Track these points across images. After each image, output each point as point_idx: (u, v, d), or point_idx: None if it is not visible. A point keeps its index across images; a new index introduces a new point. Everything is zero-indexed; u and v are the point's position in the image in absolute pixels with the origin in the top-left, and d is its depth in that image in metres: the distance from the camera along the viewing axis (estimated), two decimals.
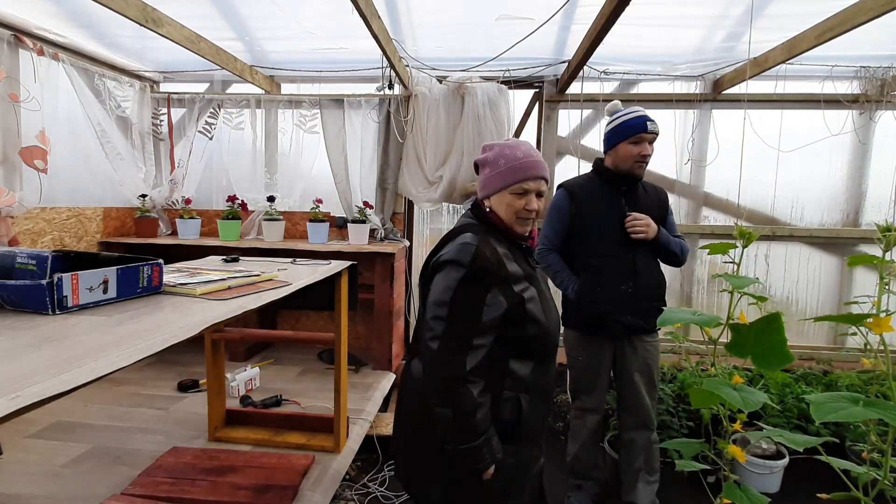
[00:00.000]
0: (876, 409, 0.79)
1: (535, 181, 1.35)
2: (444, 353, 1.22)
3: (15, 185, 2.68)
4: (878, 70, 3.11)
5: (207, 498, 1.83)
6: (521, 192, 1.34)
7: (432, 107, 3.37)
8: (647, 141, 2.05)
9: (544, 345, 1.36)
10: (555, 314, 1.41)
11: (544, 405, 1.44)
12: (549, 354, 1.41)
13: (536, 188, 1.35)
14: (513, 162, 1.35)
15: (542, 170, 1.36)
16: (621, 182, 2.12)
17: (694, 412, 2.79)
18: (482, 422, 1.23)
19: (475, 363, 1.22)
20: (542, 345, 1.35)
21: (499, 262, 1.28)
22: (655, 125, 2.07)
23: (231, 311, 1.28)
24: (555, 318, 1.41)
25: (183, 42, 2.70)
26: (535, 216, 1.37)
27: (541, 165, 1.36)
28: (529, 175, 1.34)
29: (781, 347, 0.92)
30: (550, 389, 1.46)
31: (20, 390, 0.73)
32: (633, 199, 2.13)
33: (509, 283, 1.28)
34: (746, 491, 0.98)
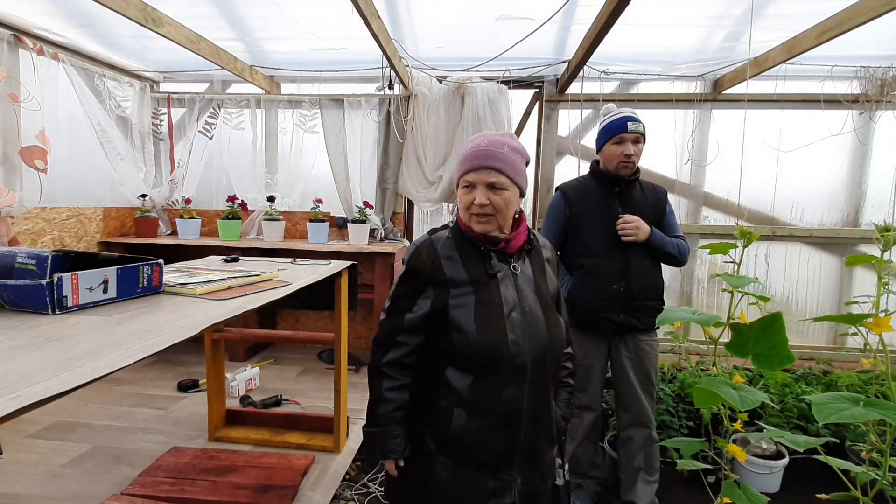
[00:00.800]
0: (877, 409, 0.79)
1: (478, 172, 1.21)
2: (375, 342, 1.32)
3: (15, 185, 2.68)
4: (878, 70, 3.11)
5: (207, 498, 1.83)
6: (467, 185, 1.23)
7: (432, 107, 3.37)
8: (629, 140, 2.02)
9: (476, 358, 1.20)
10: (500, 328, 1.19)
11: (495, 431, 1.22)
12: (495, 371, 1.20)
13: (482, 180, 1.20)
14: (462, 155, 1.26)
15: (485, 159, 1.20)
16: (614, 183, 2.11)
17: (694, 412, 2.79)
18: (383, 416, 1.27)
19: (392, 358, 1.27)
20: (474, 358, 1.20)
21: (433, 264, 1.24)
22: (638, 125, 2.03)
23: (231, 311, 1.28)
24: (498, 333, 1.19)
25: (183, 42, 2.70)
26: (492, 212, 1.21)
27: (486, 154, 1.20)
28: (471, 166, 1.22)
29: (782, 347, 0.92)
30: (505, 413, 1.21)
31: (20, 390, 0.73)
32: (627, 200, 2.11)
33: (447, 287, 1.23)
34: (746, 490, 0.98)
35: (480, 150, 1.22)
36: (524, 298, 1.24)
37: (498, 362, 1.20)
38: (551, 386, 1.32)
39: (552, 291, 1.33)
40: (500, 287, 1.23)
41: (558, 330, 1.29)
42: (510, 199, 1.23)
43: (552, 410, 1.32)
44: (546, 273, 1.34)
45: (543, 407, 1.28)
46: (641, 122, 2.05)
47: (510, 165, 1.22)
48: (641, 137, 2.05)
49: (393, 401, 1.27)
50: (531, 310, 1.24)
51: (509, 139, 1.26)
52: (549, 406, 1.31)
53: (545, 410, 1.29)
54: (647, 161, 3.42)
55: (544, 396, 1.28)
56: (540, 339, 1.23)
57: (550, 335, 1.25)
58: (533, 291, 1.27)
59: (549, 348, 1.25)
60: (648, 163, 3.45)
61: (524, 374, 1.21)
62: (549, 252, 1.40)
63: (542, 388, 1.27)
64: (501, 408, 1.21)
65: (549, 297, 1.30)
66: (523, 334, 1.21)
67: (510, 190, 1.23)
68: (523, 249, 1.30)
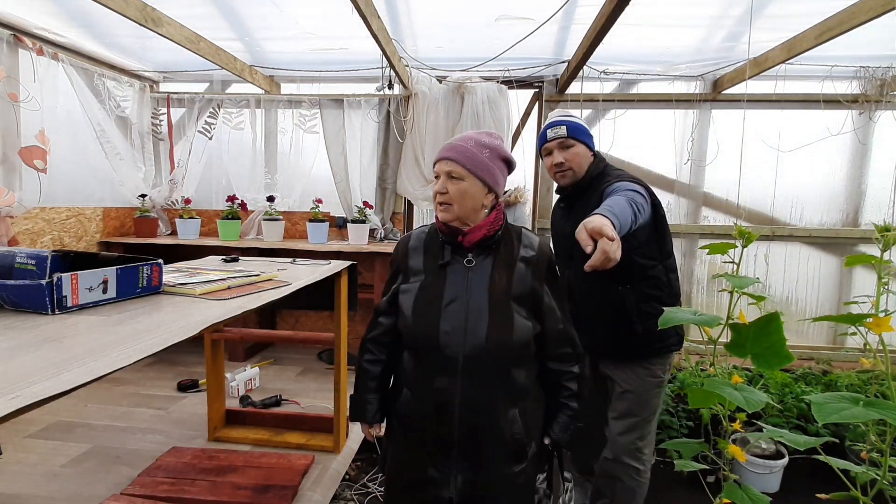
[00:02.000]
0: (877, 409, 0.79)
1: (440, 163, 1.30)
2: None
3: (14, 185, 2.68)
4: (877, 70, 3.11)
5: (207, 498, 1.83)
6: (435, 175, 1.32)
7: (432, 106, 3.37)
8: (554, 148, 1.78)
9: (412, 342, 1.30)
10: (434, 317, 1.24)
11: (430, 417, 1.26)
12: (427, 357, 1.27)
13: (442, 170, 1.29)
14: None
15: (446, 151, 1.29)
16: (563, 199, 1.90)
17: (693, 412, 2.79)
18: (361, 384, 1.41)
19: (373, 335, 1.41)
20: (411, 342, 1.31)
21: (404, 254, 1.37)
22: (559, 128, 1.76)
23: (231, 311, 1.28)
24: (431, 322, 1.24)
25: (183, 42, 2.70)
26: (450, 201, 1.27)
27: (448, 147, 1.30)
28: (436, 158, 1.32)
29: (781, 347, 0.92)
30: (437, 401, 1.25)
31: (20, 390, 0.73)
32: (574, 215, 1.78)
33: (408, 275, 1.34)
34: (747, 490, 0.98)
35: (446, 145, 1.31)
36: (471, 293, 1.26)
37: (428, 350, 1.26)
38: (499, 388, 1.25)
39: (518, 292, 1.27)
40: (447, 278, 1.28)
41: (503, 331, 1.23)
42: (467, 190, 1.27)
43: (508, 419, 1.25)
44: (515, 272, 1.29)
45: (487, 409, 1.25)
46: (565, 123, 1.77)
47: (468, 157, 1.27)
48: (569, 140, 1.76)
49: (369, 371, 1.40)
50: (476, 305, 1.24)
51: (484, 137, 1.31)
52: (499, 411, 1.25)
53: (491, 414, 1.25)
54: (647, 161, 3.45)
55: (487, 398, 1.25)
56: (477, 335, 1.23)
57: (490, 334, 1.23)
58: (486, 287, 1.26)
59: (487, 348, 1.22)
60: (648, 163, 3.46)
61: (455, 366, 1.23)
62: (536, 253, 1.32)
63: (483, 387, 1.24)
64: (434, 396, 1.26)
65: (506, 296, 1.26)
66: (459, 327, 1.23)
67: (467, 181, 1.27)
68: (485, 244, 1.30)
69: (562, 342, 1.34)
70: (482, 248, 1.30)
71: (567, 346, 1.35)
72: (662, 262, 1.76)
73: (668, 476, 2.59)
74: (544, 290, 1.31)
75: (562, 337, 1.34)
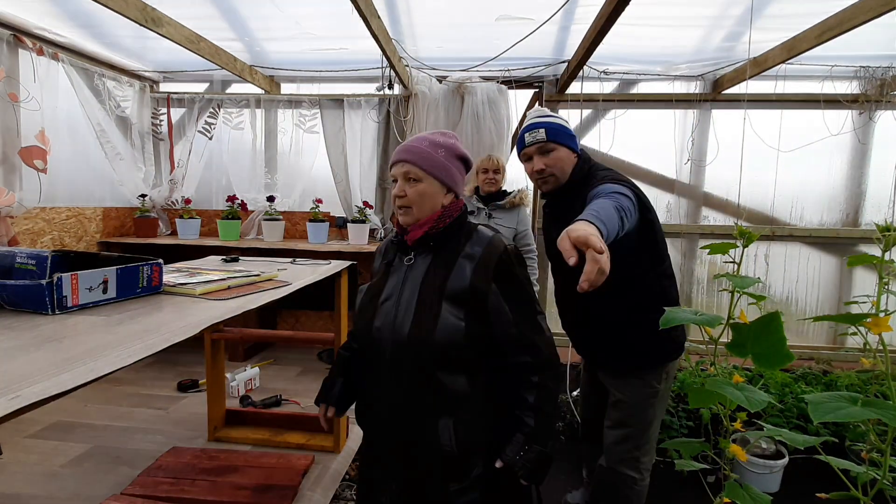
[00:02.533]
0: (875, 408, 0.79)
1: (395, 166, 1.27)
2: None
3: (14, 185, 2.68)
4: (877, 70, 3.11)
5: (207, 498, 1.83)
6: (393, 178, 1.29)
7: (432, 106, 3.37)
8: (533, 154, 1.66)
9: (358, 340, 1.34)
10: (370, 314, 1.25)
11: (367, 413, 1.29)
12: (365, 354, 1.28)
13: (399, 172, 1.26)
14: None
15: (401, 153, 1.26)
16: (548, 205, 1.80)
17: (693, 412, 2.79)
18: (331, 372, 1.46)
19: (351, 329, 1.44)
20: (357, 339, 1.34)
21: (376, 255, 1.40)
22: (537, 132, 1.63)
23: (231, 311, 1.28)
24: (367, 319, 1.25)
25: (183, 42, 2.70)
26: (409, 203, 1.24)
27: (403, 149, 1.26)
28: (391, 161, 1.30)
29: (781, 346, 0.92)
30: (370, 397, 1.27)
31: (20, 390, 0.73)
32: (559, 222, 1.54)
33: (372, 277, 1.37)
34: (748, 490, 0.98)
35: (400, 147, 1.28)
36: (404, 290, 1.23)
37: (365, 347, 1.28)
38: (424, 392, 1.17)
39: (452, 290, 1.18)
40: (389, 276, 1.29)
41: (424, 330, 1.16)
42: (425, 191, 1.24)
43: (438, 428, 1.16)
44: (453, 269, 1.20)
45: (411, 414, 1.19)
46: (544, 125, 1.64)
47: (424, 157, 1.24)
48: (548, 143, 1.63)
49: (341, 357, 1.45)
50: (406, 303, 1.21)
51: (438, 136, 1.29)
52: (424, 417, 1.18)
53: (415, 419, 1.18)
54: (647, 161, 3.45)
55: (411, 401, 1.18)
56: (401, 333, 1.18)
57: (412, 331, 1.17)
58: (417, 285, 1.22)
59: (408, 346, 1.17)
60: (648, 162, 3.46)
61: (383, 364, 1.22)
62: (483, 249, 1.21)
63: (407, 389, 1.18)
64: (369, 393, 1.28)
65: (437, 293, 1.18)
66: (388, 324, 1.21)
67: (425, 182, 1.24)
68: (426, 242, 1.25)
69: (518, 349, 1.21)
70: (424, 245, 1.26)
71: (525, 354, 1.21)
72: (654, 268, 1.63)
73: (668, 476, 2.59)
74: (490, 290, 1.18)
75: (517, 342, 1.21)
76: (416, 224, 1.26)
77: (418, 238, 1.25)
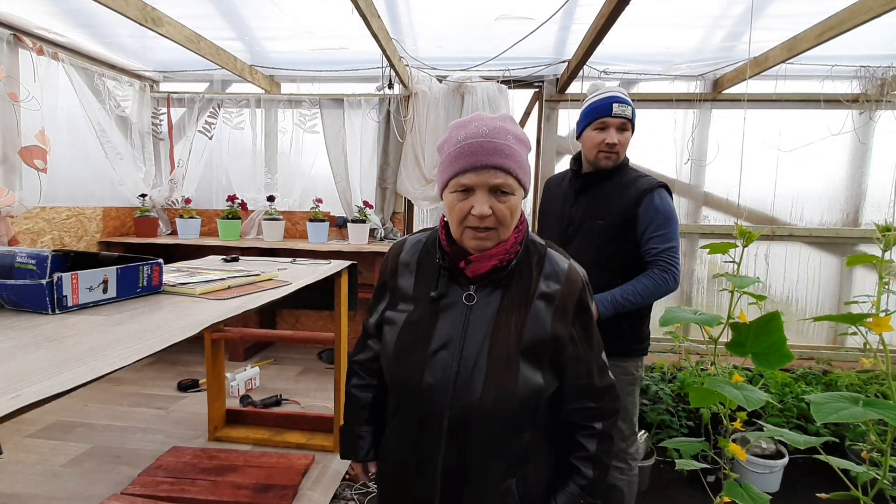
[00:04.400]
0: (876, 408, 0.79)
1: (479, 173, 0.89)
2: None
3: (15, 185, 2.68)
4: (878, 70, 3.11)
5: (207, 497, 1.83)
6: (462, 189, 0.91)
7: (432, 105, 3.37)
8: (614, 127, 1.64)
9: (395, 386, 1.02)
10: (418, 365, 0.95)
11: (407, 472, 1.01)
12: (406, 406, 1.01)
13: (484, 182, 0.89)
14: (453, 146, 0.93)
15: (489, 156, 0.89)
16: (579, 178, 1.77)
17: (693, 411, 2.79)
18: (350, 413, 1.17)
19: (361, 358, 1.16)
20: (394, 384, 1.02)
21: (391, 269, 1.07)
22: (625, 108, 1.64)
23: (231, 311, 1.28)
24: (414, 370, 0.96)
25: (183, 42, 2.70)
26: (495, 225, 0.92)
27: (489, 149, 0.89)
28: (469, 164, 0.89)
29: (781, 346, 0.92)
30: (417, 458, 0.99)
31: (20, 390, 0.73)
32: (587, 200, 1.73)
33: (396, 299, 1.05)
34: (748, 489, 0.98)
35: (475, 143, 0.90)
36: (468, 340, 0.95)
37: (409, 400, 1.00)
38: (492, 457, 0.97)
39: (530, 341, 0.94)
40: (438, 316, 0.98)
41: (503, 393, 0.92)
42: (516, 208, 0.94)
43: (501, 492, 0.98)
44: (529, 315, 0.96)
45: (476, 480, 0.97)
46: (630, 105, 1.66)
47: (519, 162, 0.92)
48: (629, 123, 1.66)
49: (359, 399, 1.15)
50: (472, 357, 0.94)
51: (511, 124, 0.94)
52: (489, 483, 0.97)
53: (480, 485, 0.97)
54: (646, 161, 3.44)
55: (477, 468, 0.97)
56: (469, 396, 0.93)
57: (485, 397, 0.92)
58: (486, 335, 0.95)
59: (480, 410, 0.93)
60: (649, 162, 3.45)
61: (439, 426, 0.95)
62: (562, 287, 0.98)
63: (472, 455, 0.96)
64: (414, 450, 1.00)
65: (514, 348, 0.94)
66: (447, 382, 0.94)
67: (517, 195, 0.94)
68: (493, 276, 0.97)
69: (582, 395, 1.02)
70: (490, 280, 0.97)
71: (588, 400, 1.02)
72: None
73: (668, 475, 2.59)
74: (569, 336, 0.97)
75: (584, 390, 1.02)
76: (481, 254, 0.95)
77: (485, 272, 0.96)
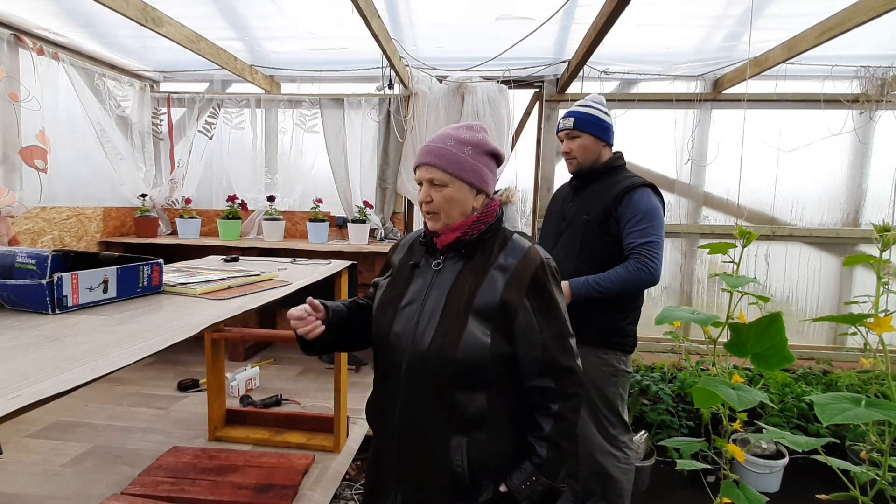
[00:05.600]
0: (879, 409, 0.79)
1: (420, 169, 1.17)
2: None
3: (15, 185, 2.68)
4: (878, 70, 3.11)
5: (207, 497, 1.83)
6: (419, 182, 1.19)
7: (432, 105, 3.37)
8: (562, 138, 1.99)
9: (374, 337, 1.23)
10: (389, 317, 1.17)
11: (377, 419, 1.22)
12: (380, 356, 1.21)
13: (424, 177, 1.16)
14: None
15: (424, 155, 1.16)
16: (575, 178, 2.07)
17: (694, 411, 2.79)
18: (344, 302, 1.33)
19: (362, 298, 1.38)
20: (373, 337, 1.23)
21: (393, 249, 1.34)
22: (567, 120, 1.95)
23: (231, 311, 1.28)
24: (386, 321, 1.17)
25: (183, 42, 2.70)
26: (437, 210, 1.15)
27: (426, 150, 1.16)
28: (416, 163, 1.19)
29: (782, 348, 0.92)
30: (382, 404, 1.19)
31: (20, 390, 0.73)
32: (580, 198, 1.99)
33: (389, 269, 1.31)
34: (745, 490, 0.98)
35: (423, 148, 1.19)
36: (429, 297, 1.15)
37: (381, 349, 1.20)
38: (440, 408, 1.10)
39: (481, 303, 1.10)
40: (412, 279, 1.20)
41: (447, 344, 1.08)
42: (452, 196, 1.15)
43: (450, 448, 1.09)
44: (485, 280, 1.12)
45: (424, 430, 1.12)
46: (574, 115, 1.94)
47: (450, 160, 1.14)
48: (574, 131, 1.94)
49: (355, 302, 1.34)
50: (429, 311, 1.13)
51: (464, 132, 1.18)
52: (437, 435, 1.11)
53: (428, 436, 1.11)
54: (647, 161, 3.44)
55: (426, 416, 1.11)
56: (421, 343, 1.11)
57: (433, 344, 1.09)
58: (444, 293, 1.14)
59: (427, 358, 1.10)
60: (648, 162, 3.45)
61: (399, 373, 1.13)
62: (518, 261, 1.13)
63: (422, 403, 1.11)
64: (381, 398, 1.21)
65: (465, 305, 1.10)
66: (408, 331, 1.13)
67: (452, 186, 1.14)
68: (458, 247, 1.17)
69: (539, 371, 1.11)
70: (455, 250, 1.18)
71: (547, 379, 1.11)
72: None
73: (668, 475, 2.59)
74: (522, 305, 1.10)
75: (542, 365, 1.11)
76: (446, 228, 1.17)
77: (449, 243, 1.17)
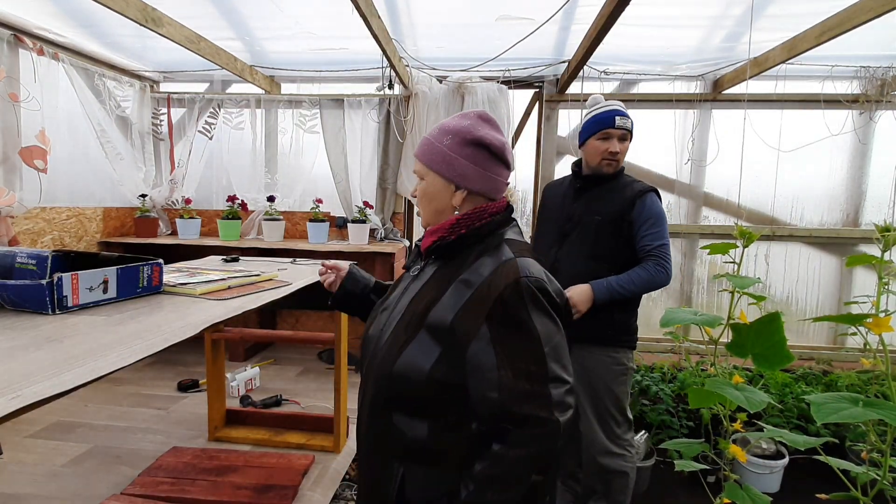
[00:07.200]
0: (876, 409, 0.79)
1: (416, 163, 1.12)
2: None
3: (15, 185, 2.68)
4: (878, 70, 3.11)
5: (207, 498, 1.83)
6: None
7: (432, 106, 3.37)
8: (616, 137, 1.87)
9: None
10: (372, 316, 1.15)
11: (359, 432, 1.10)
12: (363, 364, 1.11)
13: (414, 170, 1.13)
14: None
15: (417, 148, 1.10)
16: (579, 180, 1.99)
17: (694, 412, 2.79)
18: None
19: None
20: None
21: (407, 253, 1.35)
22: (626, 120, 1.89)
23: (231, 311, 1.29)
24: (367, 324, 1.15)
25: (183, 42, 2.70)
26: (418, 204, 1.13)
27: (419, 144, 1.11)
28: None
29: (781, 347, 0.92)
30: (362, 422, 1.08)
31: (20, 390, 0.73)
32: (586, 199, 1.94)
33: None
34: (748, 490, 0.98)
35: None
36: (399, 303, 1.06)
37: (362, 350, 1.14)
38: (381, 428, 1.00)
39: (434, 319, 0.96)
40: (399, 283, 1.16)
41: (387, 357, 0.98)
42: (426, 190, 1.07)
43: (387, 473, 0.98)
44: (446, 293, 0.97)
45: (372, 445, 1.04)
46: (630, 118, 1.91)
47: (426, 149, 1.05)
48: (629, 134, 1.91)
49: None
50: (393, 320, 1.04)
51: (453, 120, 1.06)
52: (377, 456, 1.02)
53: (371, 454, 1.04)
54: (647, 161, 3.44)
55: (370, 431, 1.04)
56: (377, 352, 1.03)
57: (379, 354, 1.01)
58: (409, 300, 1.04)
59: (372, 368, 1.03)
60: (648, 163, 3.46)
61: (364, 380, 1.09)
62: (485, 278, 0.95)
63: (367, 415, 1.04)
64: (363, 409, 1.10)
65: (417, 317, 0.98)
66: (374, 337, 1.07)
67: (426, 178, 1.06)
68: (437, 252, 1.06)
69: (492, 417, 0.92)
70: (436, 255, 1.06)
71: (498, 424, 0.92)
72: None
73: (668, 476, 2.59)
74: (477, 333, 0.91)
75: (493, 409, 0.91)
76: (427, 229, 1.10)
77: (428, 246, 1.07)
